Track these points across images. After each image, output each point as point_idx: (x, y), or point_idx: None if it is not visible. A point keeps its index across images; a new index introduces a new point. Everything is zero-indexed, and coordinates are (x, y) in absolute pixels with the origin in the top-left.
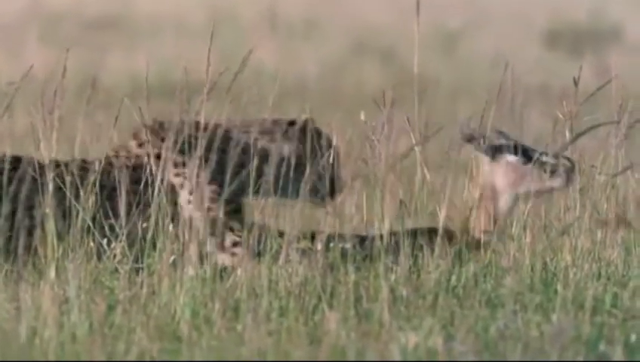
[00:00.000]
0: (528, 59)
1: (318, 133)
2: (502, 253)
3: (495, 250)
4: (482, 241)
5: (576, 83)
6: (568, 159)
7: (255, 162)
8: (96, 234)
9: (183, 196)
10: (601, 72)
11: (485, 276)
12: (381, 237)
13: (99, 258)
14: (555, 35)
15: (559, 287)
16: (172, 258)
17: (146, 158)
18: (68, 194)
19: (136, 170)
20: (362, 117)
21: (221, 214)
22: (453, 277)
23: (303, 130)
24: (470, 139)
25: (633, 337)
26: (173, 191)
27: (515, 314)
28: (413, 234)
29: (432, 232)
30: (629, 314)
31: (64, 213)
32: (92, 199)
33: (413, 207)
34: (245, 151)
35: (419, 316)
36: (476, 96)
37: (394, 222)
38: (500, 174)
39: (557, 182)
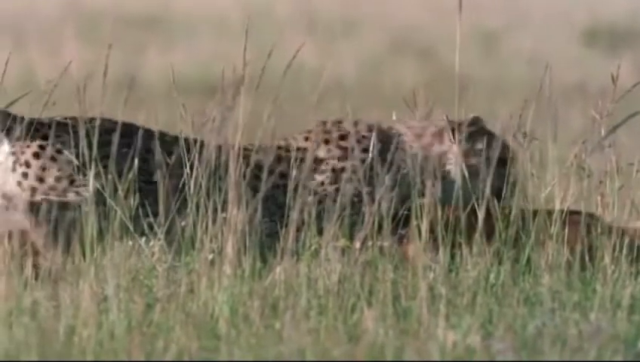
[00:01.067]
0: (567, 58)
1: (489, 133)
2: (540, 251)
3: (534, 248)
4: None
5: (614, 81)
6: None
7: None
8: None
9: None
10: None
11: (524, 274)
12: (420, 234)
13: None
14: (593, 34)
15: (597, 286)
16: (210, 256)
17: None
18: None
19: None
20: (394, 117)
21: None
22: (492, 276)
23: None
24: None
25: None
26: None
27: (553, 312)
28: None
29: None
30: None
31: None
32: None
33: None
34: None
35: (457, 314)
36: (515, 96)
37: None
38: None
39: None
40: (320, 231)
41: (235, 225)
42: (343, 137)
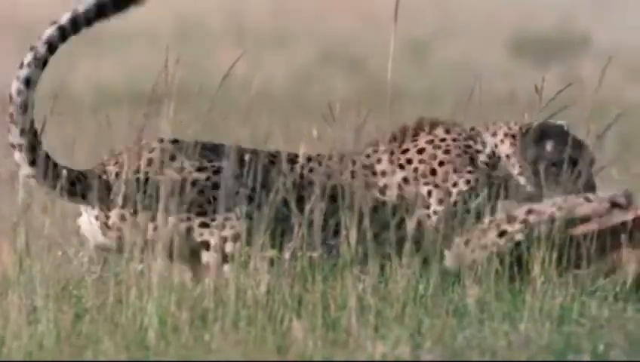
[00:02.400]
0: (496, 68)
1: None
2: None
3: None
4: None
5: (537, 91)
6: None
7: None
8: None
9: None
10: (569, 79)
11: (453, 285)
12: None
13: None
14: (522, 44)
15: (527, 296)
16: (140, 266)
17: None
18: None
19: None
20: (314, 133)
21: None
22: (421, 287)
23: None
24: None
25: (601, 347)
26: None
27: (482, 323)
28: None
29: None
30: (596, 323)
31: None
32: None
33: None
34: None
35: (386, 325)
36: (445, 105)
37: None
38: None
39: None
40: (249, 242)
41: (164, 236)
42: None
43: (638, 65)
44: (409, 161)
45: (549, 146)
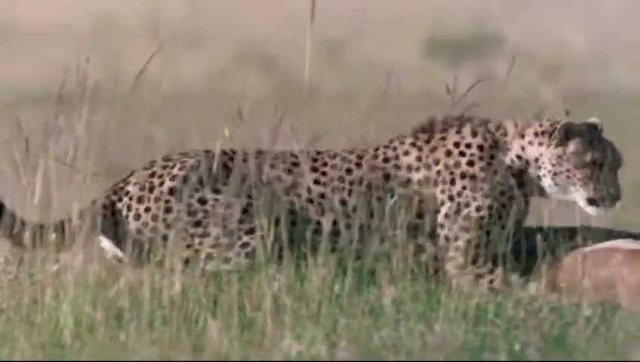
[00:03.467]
0: (412, 67)
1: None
2: (385, 262)
3: (378, 258)
4: None
5: (449, 91)
6: None
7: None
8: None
9: (442, 212)
10: (485, 79)
11: (368, 285)
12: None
13: None
14: (437, 44)
15: (442, 297)
16: (55, 266)
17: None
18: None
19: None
20: (226, 133)
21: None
22: (336, 286)
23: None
24: None
25: (517, 347)
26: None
27: (398, 323)
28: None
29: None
30: (512, 323)
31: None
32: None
33: None
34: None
35: (302, 325)
36: (361, 104)
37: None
38: None
39: None
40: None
41: (82, 235)
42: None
43: (552, 65)
44: (436, 162)
45: (572, 147)
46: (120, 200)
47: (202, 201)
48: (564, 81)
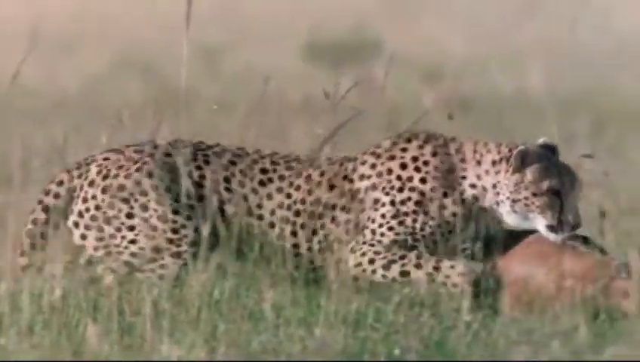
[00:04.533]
0: (291, 72)
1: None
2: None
3: (256, 263)
4: None
5: (327, 96)
6: None
7: None
8: None
9: (379, 211)
10: (362, 84)
11: (247, 290)
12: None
13: None
14: (317, 48)
15: (322, 301)
16: None
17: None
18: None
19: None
20: (104, 139)
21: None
22: (216, 291)
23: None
24: None
25: (396, 351)
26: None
27: (278, 327)
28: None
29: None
30: (392, 328)
31: None
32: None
33: None
34: None
35: (181, 330)
36: (239, 111)
37: None
38: None
39: None
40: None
41: None
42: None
43: (432, 69)
44: (389, 171)
45: (530, 175)
46: (80, 176)
47: (144, 208)
48: (443, 85)
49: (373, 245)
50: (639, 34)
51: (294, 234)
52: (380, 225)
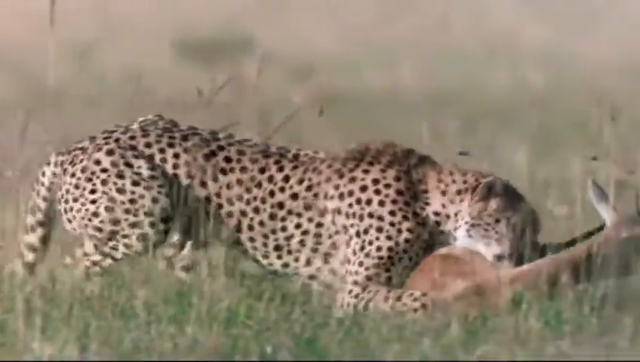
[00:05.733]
0: (162, 69)
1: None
2: (136, 265)
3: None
4: None
5: (200, 93)
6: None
7: None
8: None
9: (351, 247)
10: (233, 80)
11: (119, 287)
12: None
13: None
14: (188, 45)
15: (194, 299)
16: None
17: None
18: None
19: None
20: None
21: None
22: (88, 288)
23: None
24: (603, 198)
25: (268, 349)
26: None
27: (150, 325)
28: None
29: None
30: (263, 325)
31: None
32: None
33: None
34: None
35: (53, 327)
36: (110, 109)
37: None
38: None
39: None
40: None
41: None
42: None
43: (303, 66)
44: (350, 194)
45: (494, 204)
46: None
47: (104, 182)
48: (314, 82)
49: (351, 291)
50: (509, 32)
51: (251, 228)
52: (353, 263)
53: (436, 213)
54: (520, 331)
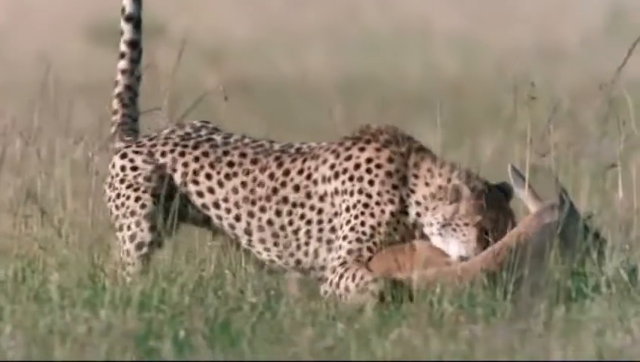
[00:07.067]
0: (75, 57)
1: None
2: (50, 250)
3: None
4: None
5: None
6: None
7: None
8: None
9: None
10: (148, 66)
11: (33, 272)
12: None
13: None
14: (101, 32)
15: (107, 283)
16: None
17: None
18: None
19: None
20: None
21: None
22: (1, 272)
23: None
24: (522, 184)
25: (182, 333)
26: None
27: (63, 309)
28: None
29: None
30: (177, 309)
31: None
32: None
33: None
34: None
35: None
36: (22, 96)
37: None
38: None
39: None
40: None
41: None
42: None
43: (215, 52)
44: (344, 171)
45: (463, 208)
46: None
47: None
48: (226, 68)
49: (334, 269)
50: (420, 15)
51: (261, 229)
52: (338, 238)
53: (417, 203)
54: (434, 315)
